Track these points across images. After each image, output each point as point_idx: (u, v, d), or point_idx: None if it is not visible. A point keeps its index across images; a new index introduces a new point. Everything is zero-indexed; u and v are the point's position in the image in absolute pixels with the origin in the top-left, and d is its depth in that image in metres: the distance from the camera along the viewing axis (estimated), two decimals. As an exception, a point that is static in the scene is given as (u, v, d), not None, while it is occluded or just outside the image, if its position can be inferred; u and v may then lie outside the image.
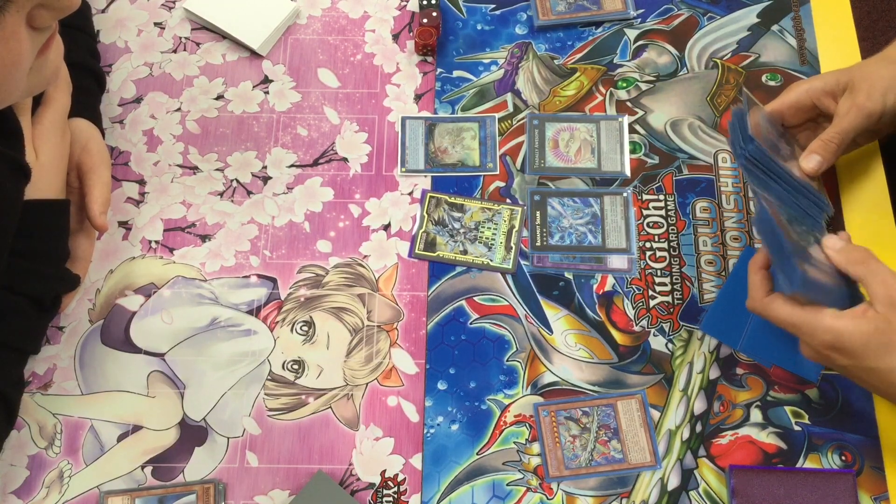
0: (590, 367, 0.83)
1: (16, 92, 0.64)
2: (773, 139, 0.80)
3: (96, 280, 0.86)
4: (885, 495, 0.77)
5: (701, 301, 0.85)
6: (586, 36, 0.99)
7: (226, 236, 0.88)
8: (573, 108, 0.95)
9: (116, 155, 0.92)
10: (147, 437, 0.80)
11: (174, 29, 0.99)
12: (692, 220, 0.89)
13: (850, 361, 0.70)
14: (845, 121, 0.80)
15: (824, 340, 0.70)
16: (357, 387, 0.82)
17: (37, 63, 0.64)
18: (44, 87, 0.69)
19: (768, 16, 1.00)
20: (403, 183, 0.91)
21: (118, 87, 0.95)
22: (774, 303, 0.73)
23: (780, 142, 0.81)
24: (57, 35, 0.65)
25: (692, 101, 0.95)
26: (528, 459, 0.79)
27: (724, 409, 0.81)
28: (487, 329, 0.84)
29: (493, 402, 0.81)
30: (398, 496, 0.78)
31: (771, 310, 0.73)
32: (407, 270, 0.87)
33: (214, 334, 0.84)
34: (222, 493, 0.77)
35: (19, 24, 0.58)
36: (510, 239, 0.88)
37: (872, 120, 0.80)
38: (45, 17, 0.60)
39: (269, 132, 0.93)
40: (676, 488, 0.78)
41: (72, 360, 0.82)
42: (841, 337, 0.69)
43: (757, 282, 0.75)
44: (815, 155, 0.81)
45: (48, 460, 0.79)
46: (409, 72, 0.97)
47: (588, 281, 0.86)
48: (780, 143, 0.81)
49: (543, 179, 0.91)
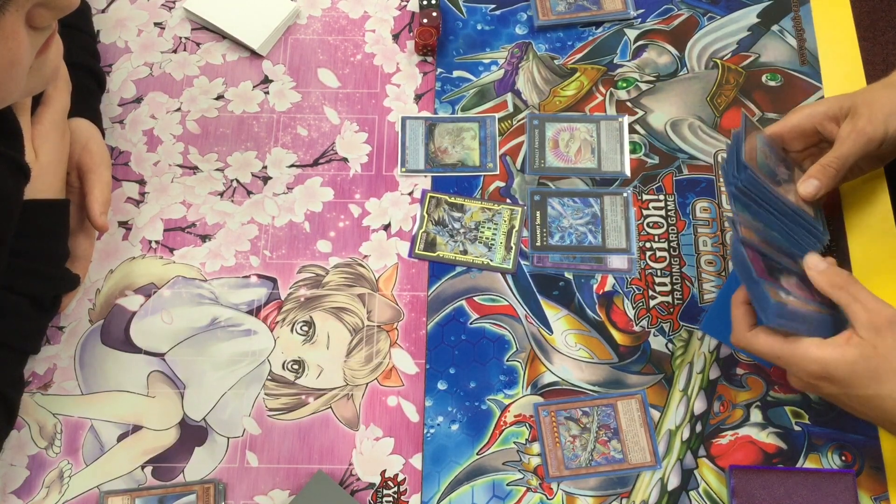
0: (590, 367, 0.83)
1: (15, 92, 0.64)
2: (772, 164, 0.79)
3: (96, 280, 0.86)
4: (885, 495, 0.77)
5: (701, 301, 0.85)
6: (586, 36, 0.99)
7: (226, 236, 0.88)
8: (573, 108, 0.95)
9: (116, 155, 0.92)
10: (147, 437, 0.80)
11: (174, 29, 0.99)
12: (692, 220, 0.89)
13: (839, 390, 0.70)
14: (845, 145, 0.78)
15: (811, 371, 0.70)
16: (357, 387, 0.82)
17: (36, 63, 0.64)
18: (43, 86, 0.69)
19: (768, 16, 1.00)
20: (403, 183, 0.91)
21: (118, 87, 0.95)
22: (757, 337, 0.72)
23: (778, 167, 0.80)
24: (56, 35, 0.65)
25: (692, 102, 0.95)
26: (528, 459, 0.79)
27: (724, 409, 0.81)
28: (487, 329, 0.84)
29: (493, 402, 0.81)
30: (398, 496, 0.78)
31: (754, 344, 0.72)
32: (407, 270, 0.87)
33: (214, 334, 0.84)
34: (222, 493, 0.77)
35: (19, 24, 0.58)
36: (510, 239, 0.88)
37: (873, 145, 0.79)
38: (44, 17, 0.60)
39: (269, 132, 0.93)
40: (676, 488, 0.78)
41: (72, 360, 0.82)
42: (827, 366, 0.69)
43: (739, 316, 0.74)
44: (814, 179, 0.79)
45: (48, 460, 0.79)
46: (409, 72, 0.97)
47: (588, 281, 0.86)
48: (778, 167, 0.80)
49: (543, 179, 0.91)
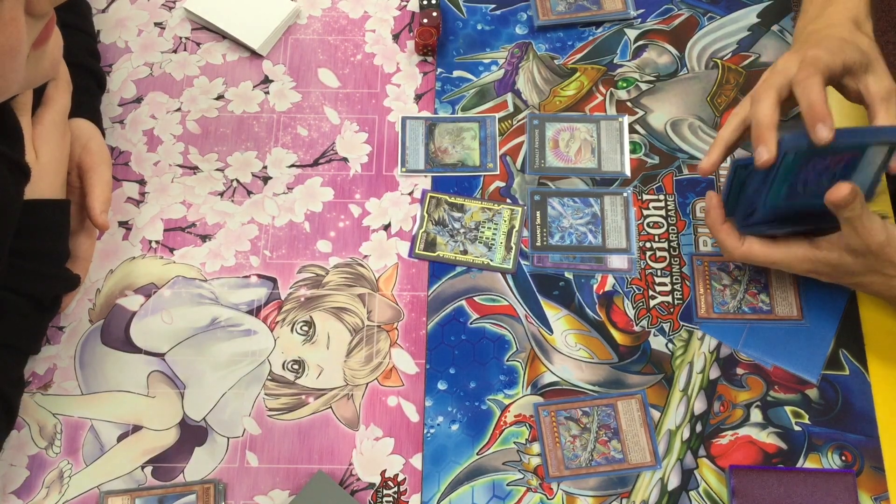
0: (590, 367, 0.83)
1: (14, 83, 0.63)
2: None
3: (96, 280, 0.86)
4: (885, 495, 0.77)
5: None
6: (586, 36, 0.99)
7: (226, 236, 0.88)
8: (573, 108, 0.95)
9: (117, 155, 0.92)
10: (147, 437, 0.80)
11: (174, 29, 0.99)
12: (692, 220, 0.89)
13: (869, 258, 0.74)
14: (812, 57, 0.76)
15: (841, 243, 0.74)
16: (357, 387, 0.82)
17: (35, 54, 0.63)
18: (42, 80, 0.69)
19: (768, 16, 1.00)
20: (403, 183, 0.91)
21: (118, 87, 0.95)
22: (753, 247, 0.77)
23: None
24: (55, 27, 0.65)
25: (692, 101, 0.95)
26: (528, 459, 0.79)
27: (724, 409, 0.81)
28: (487, 329, 0.84)
29: (493, 402, 0.81)
30: (398, 496, 0.78)
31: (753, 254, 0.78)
32: (407, 270, 0.87)
33: (214, 334, 0.84)
34: (222, 493, 0.77)
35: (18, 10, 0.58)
36: (510, 239, 0.88)
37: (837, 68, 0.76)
38: (42, 4, 0.60)
39: (270, 132, 0.93)
40: (676, 488, 0.78)
41: (72, 360, 0.82)
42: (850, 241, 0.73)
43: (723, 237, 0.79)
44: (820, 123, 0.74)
45: (48, 460, 0.79)
46: (409, 72, 0.97)
47: (588, 281, 0.86)
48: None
49: (543, 179, 0.91)
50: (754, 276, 0.85)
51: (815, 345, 0.83)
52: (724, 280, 0.85)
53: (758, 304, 0.84)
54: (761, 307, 0.84)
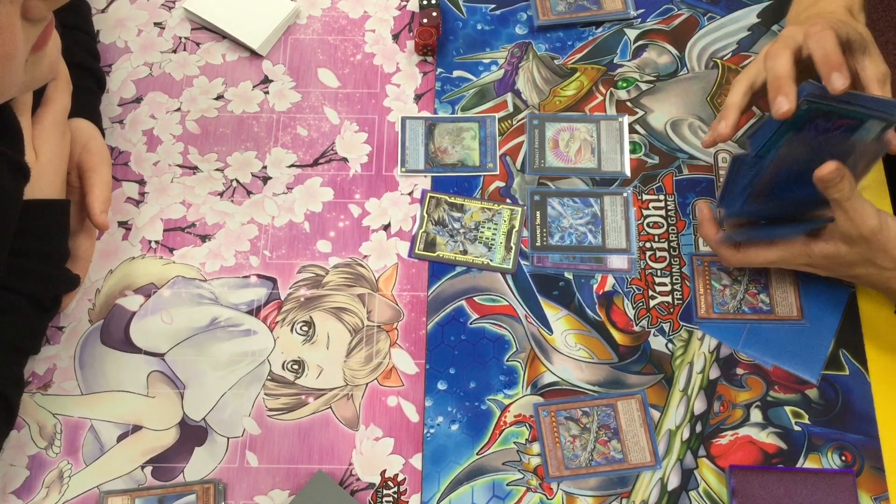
0: (590, 367, 0.83)
1: (13, 86, 0.63)
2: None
3: (96, 280, 0.86)
4: (885, 495, 0.77)
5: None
6: (586, 36, 0.99)
7: (226, 236, 0.88)
8: (573, 108, 0.95)
9: (116, 155, 0.92)
10: (147, 437, 0.80)
11: (174, 29, 0.99)
12: (692, 220, 0.89)
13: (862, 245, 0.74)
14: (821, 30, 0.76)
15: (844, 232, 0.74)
16: (357, 387, 0.82)
17: (34, 58, 0.63)
18: (41, 82, 0.69)
19: (768, 16, 1.00)
20: (403, 183, 0.91)
21: (118, 87, 0.95)
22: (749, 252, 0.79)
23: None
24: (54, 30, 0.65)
25: (692, 101, 0.95)
26: (528, 459, 0.79)
27: (724, 409, 0.81)
28: (487, 329, 0.84)
29: (493, 402, 0.81)
30: (398, 496, 0.78)
31: (750, 258, 0.79)
32: (407, 270, 0.87)
33: (214, 334, 0.84)
34: (222, 493, 0.77)
35: (14, 15, 0.58)
36: (510, 239, 0.88)
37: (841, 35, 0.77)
38: (39, 8, 0.60)
39: (269, 132, 0.93)
40: (676, 488, 0.78)
41: (72, 360, 0.82)
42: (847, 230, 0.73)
43: (718, 248, 0.81)
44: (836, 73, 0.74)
45: (48, 460, 0.79)
46: (409, 72, 0.97)
47: (588, 281, 0.86)
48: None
49: (543, 179, 0.91)
50: (754, 276, 0.85)
51: (815, 345, 0.83)
52: (724, 280, 0.85)
53: (758, 305, 0.84)
54: (761, 307, 0.84)
